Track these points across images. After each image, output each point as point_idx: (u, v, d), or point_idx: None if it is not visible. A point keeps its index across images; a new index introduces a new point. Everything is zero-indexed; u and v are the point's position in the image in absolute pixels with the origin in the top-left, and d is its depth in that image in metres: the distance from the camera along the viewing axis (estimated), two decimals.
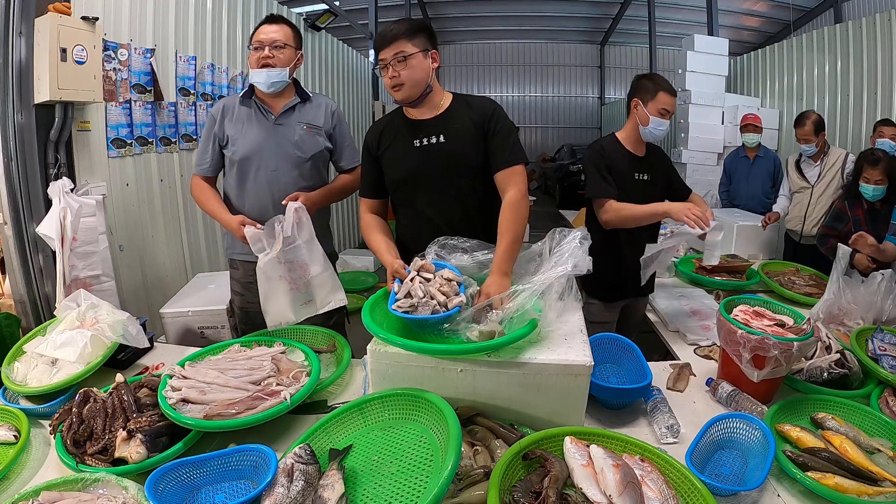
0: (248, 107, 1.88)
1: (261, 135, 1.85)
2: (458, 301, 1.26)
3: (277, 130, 1.86)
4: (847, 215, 2.56)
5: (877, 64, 4.01)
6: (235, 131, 1.86)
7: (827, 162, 3.11)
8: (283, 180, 1.86)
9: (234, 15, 3.46)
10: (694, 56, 5.52)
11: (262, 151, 1.85)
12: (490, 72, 13.57)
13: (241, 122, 1.86)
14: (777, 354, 1.25)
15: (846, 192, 2.60)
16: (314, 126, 1.90)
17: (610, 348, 1.58)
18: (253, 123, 1.86)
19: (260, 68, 1.79)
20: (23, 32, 1.93)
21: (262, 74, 1.80)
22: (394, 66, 1.49)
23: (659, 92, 1.95)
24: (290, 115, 1.88)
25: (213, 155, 1.90)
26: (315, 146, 1.90)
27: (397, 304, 1.28)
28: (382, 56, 1.51)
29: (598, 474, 0.98)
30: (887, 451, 1.16)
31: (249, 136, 1.85)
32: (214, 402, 1.26)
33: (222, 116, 1.88)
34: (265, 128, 1.86)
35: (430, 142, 1.59)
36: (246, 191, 1.88)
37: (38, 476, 1.18)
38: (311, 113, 1.91)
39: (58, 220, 1.93)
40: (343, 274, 3.77)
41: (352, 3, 8.54)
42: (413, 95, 1.55)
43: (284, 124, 1.87)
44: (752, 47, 7.05)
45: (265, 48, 1.78)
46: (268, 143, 1.85)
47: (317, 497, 0.95)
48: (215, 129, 1.88)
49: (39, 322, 2.03)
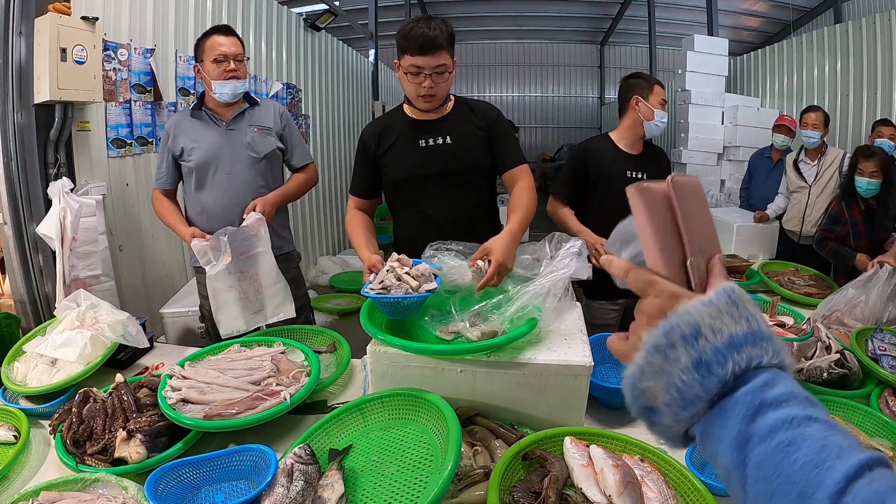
0: (199, 118, 1.95)
1: (215, 141, 1.93)
2: (430, 286, 1.23)
3: (230, 135, 1.95)
4: (844, 216, 2.56)
5: (877, 64, 4.01)
6: (189, 142, 1.93)
7: (824, 161, 3.12)
8: (239, 181, 1.94)
9: (234, 15, 3.46)
10: (694, 56, 5.52)
11: (218, 156, 1.93)
12: (490, 72, 13.56)
13: (195, 133, 1.93)
14: None
15: (842, 192, 2.60)
16: (264, 127, 1.98)
17: None
18: (206, 132, 1.94)
19: (227, 80, 1.86)
20: (23, 32, 1.93)
21: (229, 86, 1.87)
22: (433, 77, 1.47)
23: (654, 85, 2.01)
24: (240, 120, 1.97)
25: (169, 169, 1.98)
26: (267, 146, 1.98)
27: (370, 287, 1.26)
28: (419, 63, 1.45)
29: (598, 474, 0.98)
30: (887, 451, 1.16)
31: (204, 143, 1.92)
32: (214, 402, 1.26)
33: (175, 133, 1.94)
34: (218, 134, 1.94)
35: (435, 142, 1.59)
36: (205, 195, 1.95)
37: (38, 476, 1.18)
38: (260, 115, 1.99)
39: (58, 220, 1.93)
40: (343, 274, 3.77)
41: (352, 3, 8.54)
42: (438, 105, 1.57)
43: (236, 129, 1.96)
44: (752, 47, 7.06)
45: (230, 61, 1.85)
46: (222, 147, 1.93)
47: (317, 497, 0.95)
48: (169, 145, 1.95)
49: (39, 322, 2.03)
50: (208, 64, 1.86)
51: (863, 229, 2.52)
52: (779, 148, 3.62)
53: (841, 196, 2.60)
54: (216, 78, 1.86)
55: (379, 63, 7.23)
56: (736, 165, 5.39)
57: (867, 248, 2.50)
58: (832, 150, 3.15)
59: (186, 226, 1.90)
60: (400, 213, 1.74)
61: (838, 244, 2.58)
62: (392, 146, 1.63)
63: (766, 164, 3.69)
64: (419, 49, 1.43)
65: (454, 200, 1.64)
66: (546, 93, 13.77)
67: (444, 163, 1.59)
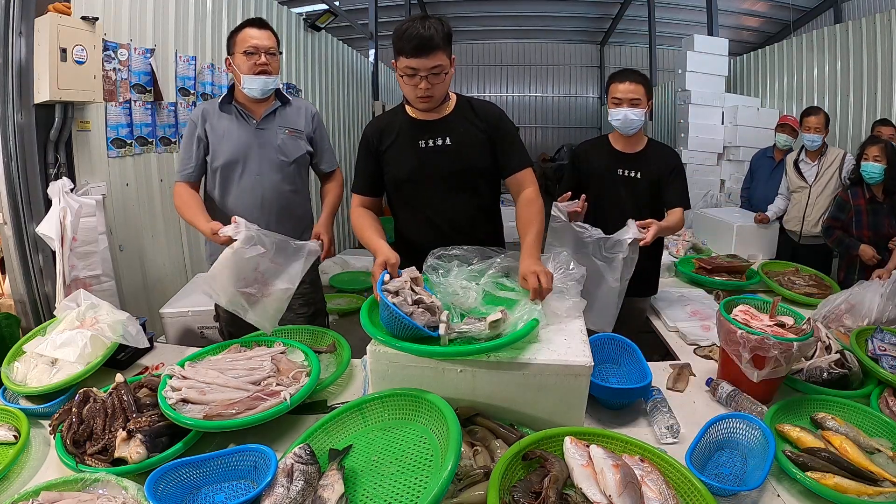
0: (228, 112, 1.85)
1: (244, 139, 1.83)
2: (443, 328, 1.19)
3: (260, 135, 1.85)
4: (849, 204, 2.58)
5: (877, 64, 4.00)
6: (216, 138, 1.83)
7: (825, 162, 3.11)
8: (266, 184, 1.86)
9: (234, 15, 3.46)
10: (694, 56, 5.51)
11: (247, 156, 1.84)
12: (490, 72, 13.54)
13: (223, 129, 1.84)
14: (777, 354, 1.25)
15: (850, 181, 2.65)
16: (296, 130, 1.90)
17: (610, 348, 1.58)
18: (235, 129, 1.84)
19: (256, 75, 1.77)
20: (23, 32, 1.93)
21: (259, 81, 1.78)
22: (429, 79, 1.43)
23: (612, 84, 2.00)
24: (271, 120, 1.87)
25: (198, 160, 1.86)
26: (297, 150, 1.90)
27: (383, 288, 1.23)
28: (414, 65, 1.41)
29: (598, 474, 0.98)
30: (887, 451, 1.16)
31: (232, 141, 1.83)
32: (214, 402, 1.26)
33: (203, 121, 1.84)
34: (248, 132, 1.84)
35: (435, 143, 1.58)
36: (228, 197, 1.87)
37: (38, 476, 1.18)
38: (291, 117, 1.91)
39: (58, 220, 1.93)
40: (343, 274, 3.77)
41: (352, 3, 8.53)
42: (436, 105, 1.54)
43: (267, 128, 1.86)
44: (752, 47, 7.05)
45: (261, 55, 1.76)
46: (251, 147, 1.84)
47: (316, 497, 0.95)
48: (198, 133, 1.83)
49: (39, 322, 2.03)
50: (238, 56, 1.77)
51: (866, 219, 2.54)
52: (781, 148, 3.60)
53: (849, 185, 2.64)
54: (246, 72, 1.76)
55: (379, 63, 7.23)
56: (736, 165, 5.39)
57: (870, 240, 2.52)
58: (832, 151, 3.15)
59: (208, 220, 1.70)
60: (400, 214, 1.73)
61: (844, 233, 2.60)
62: (392, 145, 1.61)
63: (768, 164, 3.68)
64: (414, 50, 1.39)
65: (453, 202, 1.62)
66: (546, 93, 13.75)
67: (443, 164, 1.58)
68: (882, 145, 2.44)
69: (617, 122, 1.99)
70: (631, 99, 1.95)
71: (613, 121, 2.00)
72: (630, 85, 1.96)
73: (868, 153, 2.46)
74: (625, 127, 2.00)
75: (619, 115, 1.97)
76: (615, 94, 1.98)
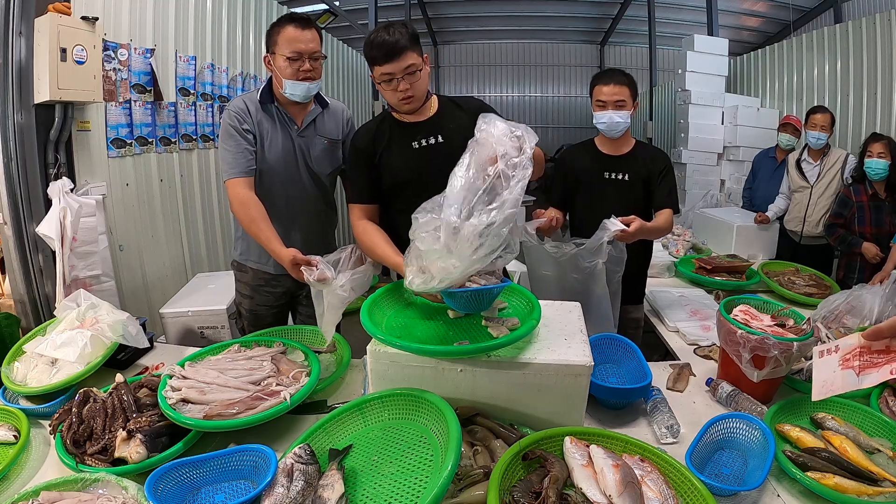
0: (269, 113, 1.74)
1: (286, 146, 1.76)
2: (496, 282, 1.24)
3: (300, 143, 1.77)
4: (851, 200, 2.59)
5: (877, 64, 4.00)
6: (259, 139, 1.73)
7: (827, 162, 3.11)
8: (304, 196, 1.81)
9: (234, 15, 3.45)
10: (694, 56, 5.51)
11: (286, 163, 1.76)
12: (490, 72, 13.55)
13: (265, 131, 1.73)
14: (777, 354, 1.25)
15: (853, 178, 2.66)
16: (333, 140, 1.84)
17: (610, 348, 1.58)
18: (278, 135, 1.74)
19: (301, 81, 1.65)
20: (23, 32, 1.93)
21: (302, 87, 1.66)
22: (405, 79, 1.46)
23: (596, 85, 1.99)
24: (311, 128, 1.79)
25: (253, 154, 1.71)
26: (334, 162, 1.86)
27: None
28: (389, 70, 1.45)
29: (598, 474, 0.98)
30: (887, 451, 1.16)
31: (274, 146, 1.74)
32: (214, 402, 1.26)
33: (248, 114, 1.72)
34: (289, 139, 1.76)
35: (428, 142, 1.60)
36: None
37: (38, 476, 1.18)
38: (329, 124, 1.83)
39: (58, 220, 1.93)
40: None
41: (352, 3, 8.53)
42: (419, 105, 1.56)
43: (307, 136, 1.78)
44: (752, 47, 7.05)
45: (305, 60, 1.64)
46: (290, 155, 1.76)
47: (316, 497, 0.95)
48: (246, 126, 1.70)
49: (39, 322, 2.03)
50: (280, 59, 1.63)
51: (868, 216, 2.54)
52: (784, 147, 3.60)
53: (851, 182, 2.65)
54: (289, 77, 1.64)
55: None
56: (736, 165, 5.40)
57: (872, 237, 2.53)
58: (835, 151, 3.15)
59: (282, 245, 1.56)
60: (399, 218, 1.72)
61: (846, 231, 2.61)
62: (386, 150, 1.61)
63: (771, 163, 3.68)
64: (385, 56, 1.44)
65: None
66: (546, 93, 13.76)
67: (439, 162, 1.58)
68: (886, 141, 2.45)
69: (602, 125, 1.97)
70: (616, 101, 1.92)
71: (599, 124, 1.98)
72: (615, 87, 1.93)
73: (872, 149, 2.47)
74: (610, 130, 1.98)
75: (604, 118, 1.95)
76: (599, 97, 1.95)
